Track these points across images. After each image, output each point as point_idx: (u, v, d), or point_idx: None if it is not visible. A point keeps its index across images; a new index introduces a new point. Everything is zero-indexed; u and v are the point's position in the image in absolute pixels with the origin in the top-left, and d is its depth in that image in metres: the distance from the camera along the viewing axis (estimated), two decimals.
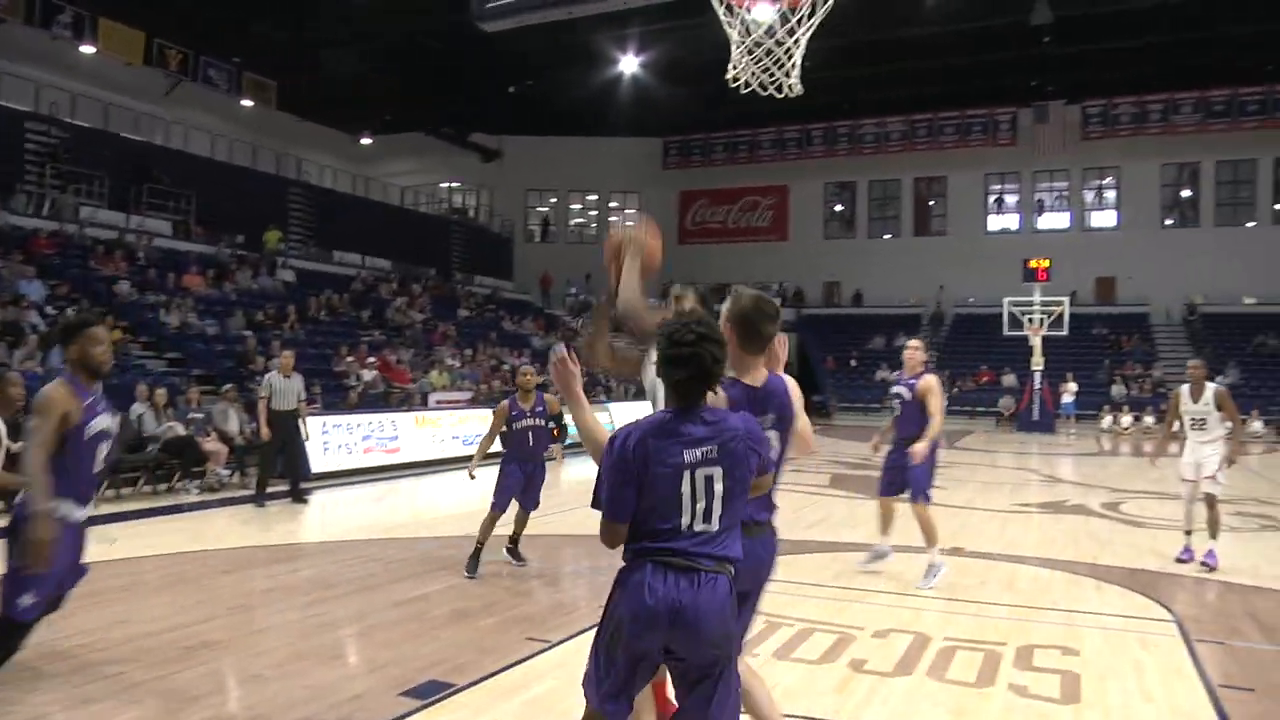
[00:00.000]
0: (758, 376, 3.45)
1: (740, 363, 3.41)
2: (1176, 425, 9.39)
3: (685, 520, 2.89)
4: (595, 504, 2.99)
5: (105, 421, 4.53)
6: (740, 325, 3.34)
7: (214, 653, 5.91)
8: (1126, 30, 31.56)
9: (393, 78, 34.69)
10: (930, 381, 8.11)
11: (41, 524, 4.07)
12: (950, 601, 7.49)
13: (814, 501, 13.45)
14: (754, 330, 3.39)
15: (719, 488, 2.90)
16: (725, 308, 3.45)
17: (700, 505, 2.89)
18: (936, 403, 8.05)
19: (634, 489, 2.89)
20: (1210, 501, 8.97)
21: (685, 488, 2.88)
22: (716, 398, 3.06)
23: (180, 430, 13.37)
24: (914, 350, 8.35)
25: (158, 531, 9.46)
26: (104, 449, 4.53)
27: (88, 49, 27.06)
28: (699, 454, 2.89)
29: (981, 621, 6.92)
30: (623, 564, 3.01)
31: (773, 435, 3.36)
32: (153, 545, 8.69)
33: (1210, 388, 9.07)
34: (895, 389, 8.39)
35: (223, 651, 5.95)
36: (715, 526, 2.91)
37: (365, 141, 39.46)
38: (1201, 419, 9.05)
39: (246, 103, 32.27)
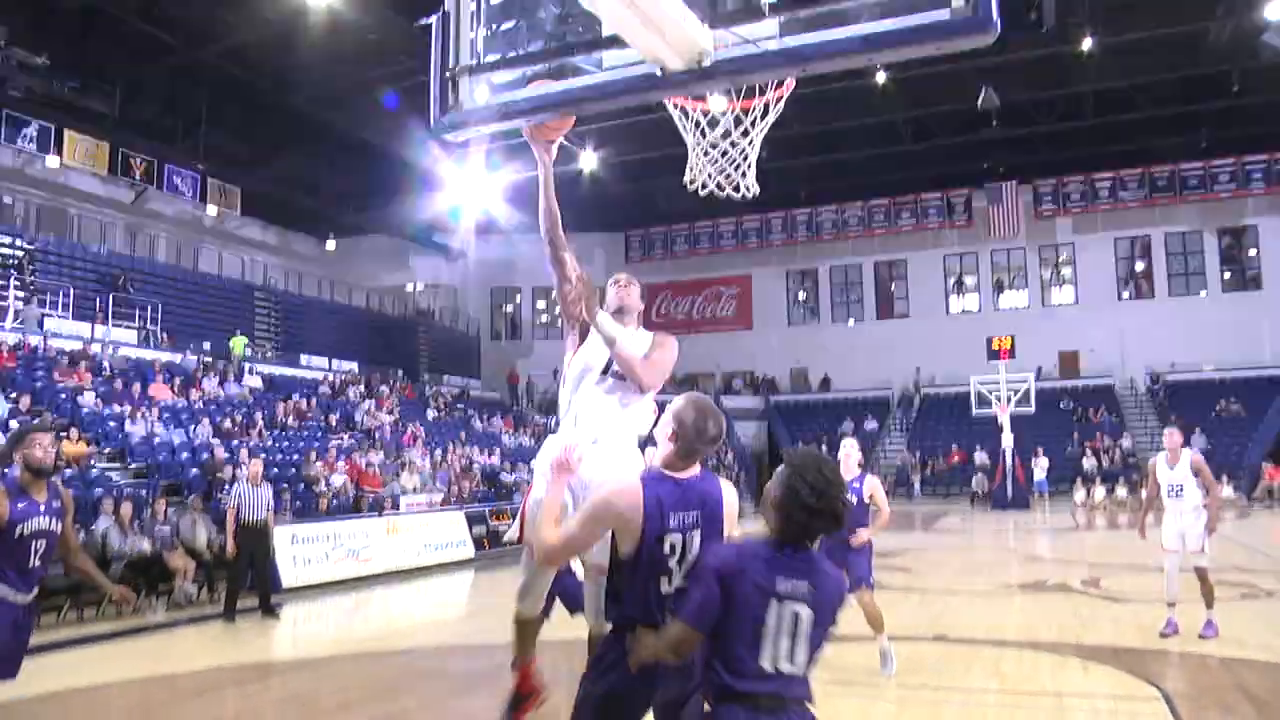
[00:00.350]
0: (687, 472, 3.36)
1: (670, 464, 3.35)
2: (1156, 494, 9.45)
3: (769, 655, 2.88)
4: (679, 611, 3.00)
5: (41, 524, 5.08)
6: (679, 440, 3.31)
7: None
8: (1069, 113, 32.74)
9: (353, 180, 35.00)
10: (874, 481, 8.11)
11: None
12: (937, 690, 7.37)
13: None
14: (691, 450, 3.34)
15: (804, 628, 2.90)
16: (670, 411, 3.39)
17: (785, 642, 2.88)
18: (882, 496, 8.07)
19: (722, 604, 2.88)
20: (1202, 575, 8.97)
21: (771, 619, 2.88)
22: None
23: (146, 547, 13.08)
24: (850, 451, 8.27)
25: (122, 655, 9.18)
26: (38, 546, 5.09)
27: (53, 160, 27.17)
28: (790, 586, 2.90)
29: (969, 710, 6.81)
30: (707, 703, 2.97)
31: (694, 535, 3.27)
32: (117, 671, 8.42)
33: (1186, 454, 9.19)
34: None
35: None
36: (800, 669, 2.92)
37: (330, 245, 39.61)
38: (1179, 486, 9.13)
39: (212, 209, 32.37)
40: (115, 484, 16.20)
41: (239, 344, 27.37)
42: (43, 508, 5.13)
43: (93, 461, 16.83)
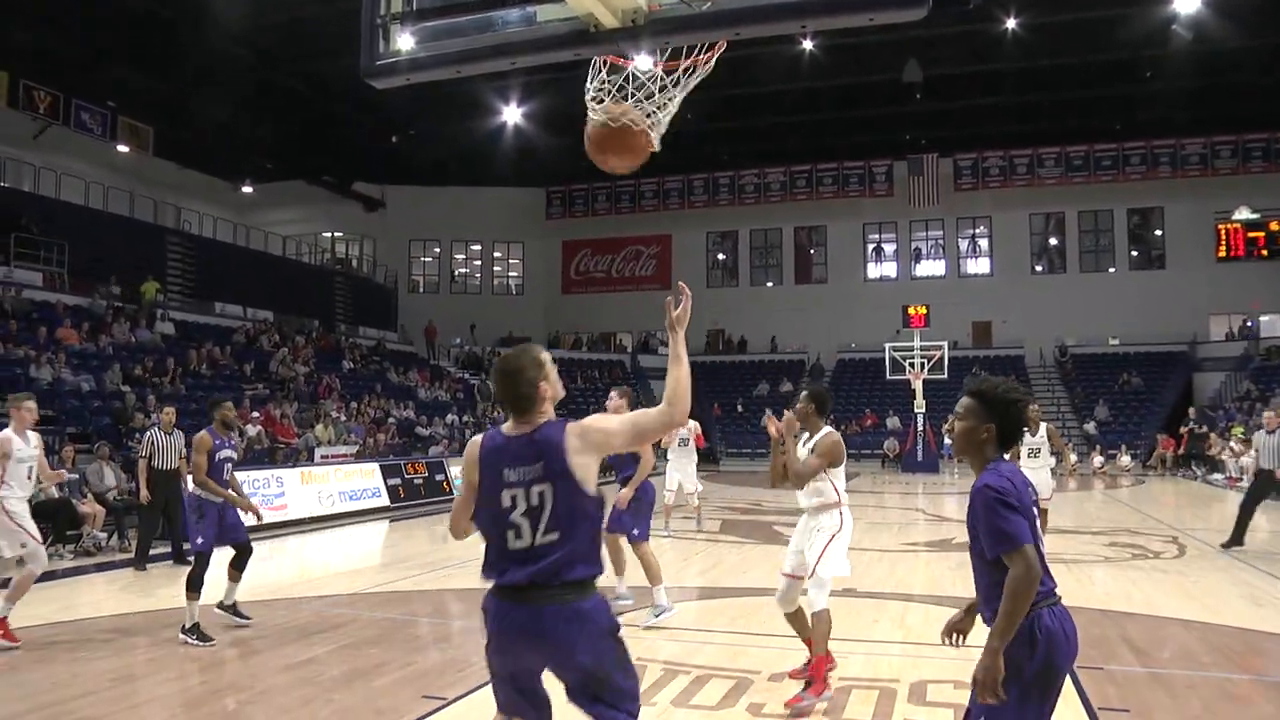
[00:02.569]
0: (526, 426, 3.34)
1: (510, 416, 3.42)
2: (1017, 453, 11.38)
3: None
4: (1013, 542, 3.14)
5: (229, 452, 8.55)
6: (495, 389, 3.43)
7: None
8: (991, 89, 33.37)
9: (271, 126, 34.23)
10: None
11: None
12: (844, 642, 7.58)
13: (704, 549, 13.55)
14: (503, 404, 3.42)
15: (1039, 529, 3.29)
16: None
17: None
18: (645, 448, 8.37)
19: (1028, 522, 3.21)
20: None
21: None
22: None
23: (54, 492, 12.81)
24: (617, 403, 8.58)
25: (28, 601, 8.95)
26: (229, 468, 8.53)
27: None
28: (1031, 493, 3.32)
29: (875, 660, 7.06)
30: (1034, 612, 3.18)
31: (545, 488, 3.23)
32: (23, 616, 8.23)
33: (1044, 425, 11.84)
34: None
35: None
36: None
37: (246, 190, 38.75)
38: (1036, 449, 11.80)
39: (122, 148, 31.27)
40: None
41: (151, 289, 26.72)
42: (230, 444, 8.61)
43: None
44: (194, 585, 7.97)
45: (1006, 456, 3.42)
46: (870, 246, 43.31)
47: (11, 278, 22.93)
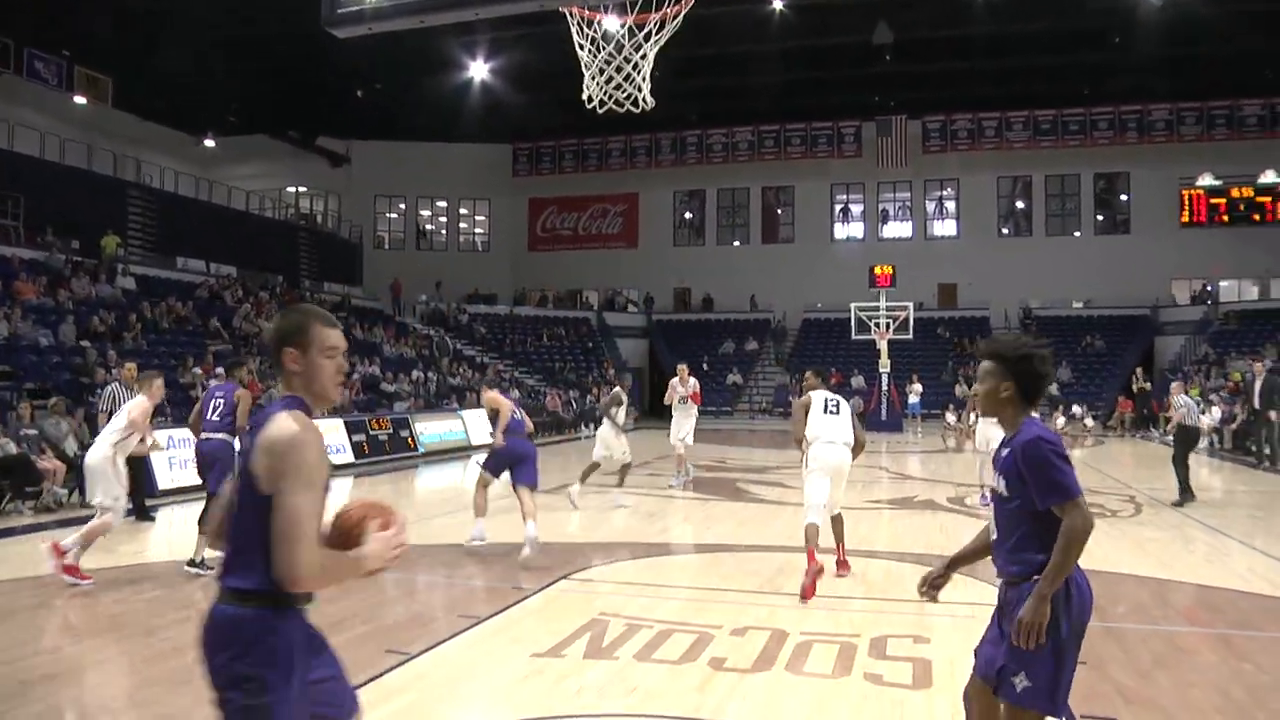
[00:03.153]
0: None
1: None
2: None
3: None
4: (1069, 494, 3.25)
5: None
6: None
7: (54, 686, 5.63)
8: (961, 53, 33.35)
9: (235, 78, 33.63)
10: (489, 395, 9.98)
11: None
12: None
13: (669, 505, 13.63)
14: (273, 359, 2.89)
15: None
16: None
17: None
18: (499, 412, 9.73)
19: None
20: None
21: None
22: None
23: (13, 448, 12.67)
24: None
25: None
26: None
27: None
28: None
29: (836, 615, 7.15)
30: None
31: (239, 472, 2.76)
32: None
33: None
34: None
35: (64, 684, 5.69)
36: None
37: (208, 143, 38.11)
38: None
39: (79, 99, 30.61)
40: None
41: (111, 243, 26.34)
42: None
43: None
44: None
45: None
46: (838, 207, 43.35)
47: None
